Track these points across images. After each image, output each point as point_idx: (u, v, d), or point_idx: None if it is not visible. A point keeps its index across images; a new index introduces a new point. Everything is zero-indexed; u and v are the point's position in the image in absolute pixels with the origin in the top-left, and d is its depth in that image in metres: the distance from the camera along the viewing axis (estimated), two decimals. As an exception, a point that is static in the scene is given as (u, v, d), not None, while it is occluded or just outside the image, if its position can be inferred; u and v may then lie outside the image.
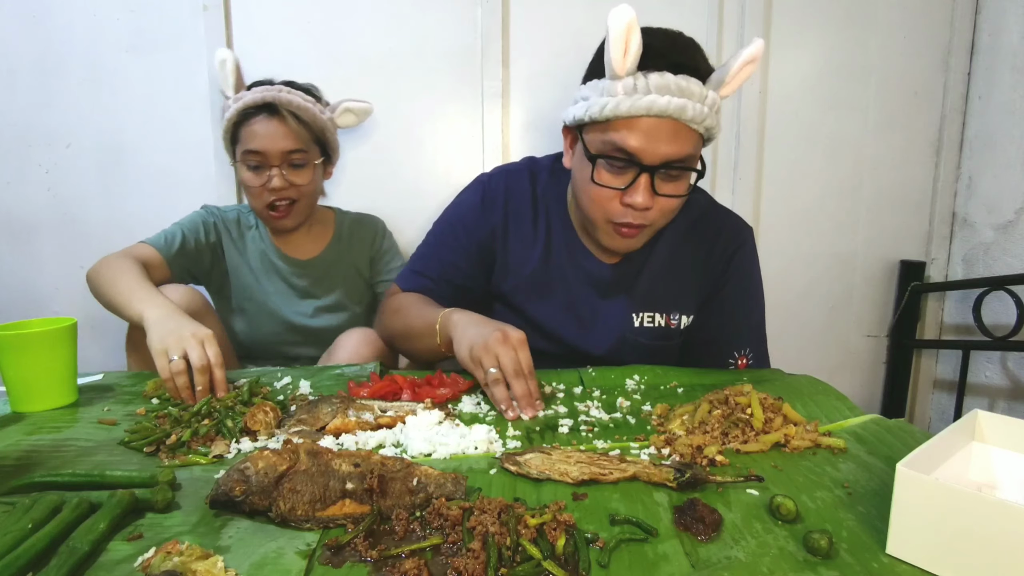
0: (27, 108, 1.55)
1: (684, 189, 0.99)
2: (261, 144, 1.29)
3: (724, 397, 0.84)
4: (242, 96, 1.30)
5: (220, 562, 0.52)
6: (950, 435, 0.62)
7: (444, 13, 1.62)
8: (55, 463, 0.73)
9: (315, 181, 1.37)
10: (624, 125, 0.93)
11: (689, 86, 0.91)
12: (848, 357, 1.93)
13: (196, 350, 0.93)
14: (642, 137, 0.92)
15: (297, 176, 1.33)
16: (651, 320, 1.13)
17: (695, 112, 0.91)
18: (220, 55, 1.31)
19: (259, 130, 1.29)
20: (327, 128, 1.38)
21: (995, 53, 1.72)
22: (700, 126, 0.94)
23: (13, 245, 1.61)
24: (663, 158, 0.93)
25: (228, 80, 1.32)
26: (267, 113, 1.29)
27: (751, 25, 1.68)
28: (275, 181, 1.30)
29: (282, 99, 1.29)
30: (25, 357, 0.89)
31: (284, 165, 1.31)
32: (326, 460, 0.65)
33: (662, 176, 0.96)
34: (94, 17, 1.54)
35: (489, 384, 0.89)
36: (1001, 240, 1.71)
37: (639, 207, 0.95)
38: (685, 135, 0.93)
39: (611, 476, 0.68)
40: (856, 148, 1.80)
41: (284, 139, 1.30)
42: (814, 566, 0.54)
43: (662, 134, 0.92)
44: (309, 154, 1.34)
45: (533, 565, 0.53)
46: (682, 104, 0.90)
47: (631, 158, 0.94)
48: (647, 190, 0.95)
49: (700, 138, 0.97)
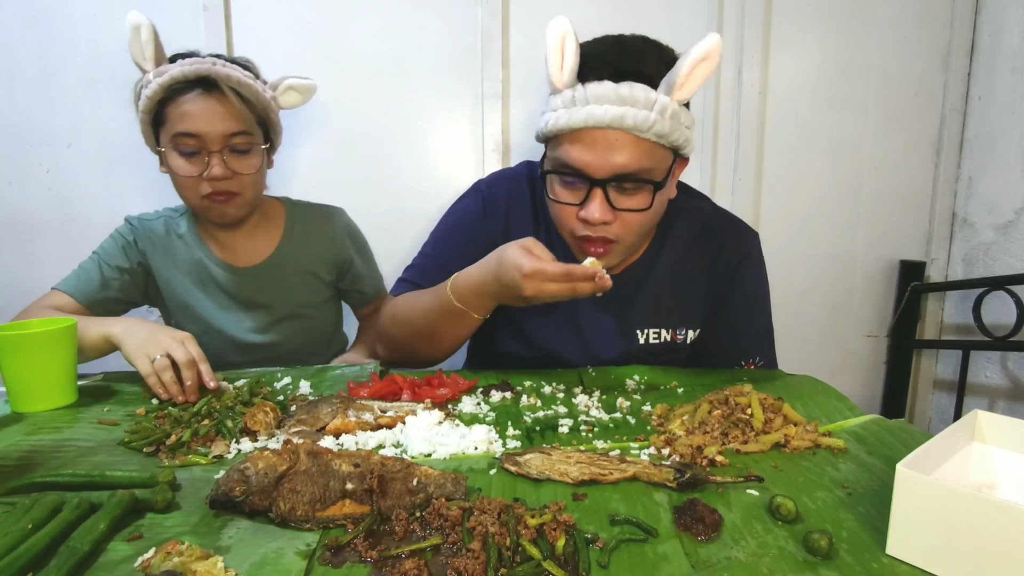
0: (27, 108, 1.55)
1: (646, 203, 0.93)
2: (197, 125, 1.09)
3: (724, 397, 0.84)
4: (167, 69, 1.09)
5: (220, 562, 0.52)
6: (950, 435, 0.62)
7: (444, 13, 1.62)
8: (55, 463, 0.73)
9: (261, 170, 1.19)
10: (567, 139, 0.91)
11: (632, 93, 0.87)
12: (848, 357, 1.93)
13: (179, 349, 0.93)
14: (585, 150, 0.89)
15: (240, 163, 1.14)
16: (657, 336, 1.09)
17: (638, 120, 0.87)
18: (132, 19, 1.09)
19: (193, 109, 1.09)
20: (270, 108, 1.19)
21: (995, 53, 1.72)
22: (648, 134, 0.88)
23: (14, 245, 1.61)
24: (613, 171, 0.89)
25: (145, 51, 1.10)
26: (201, 89, 1.10)
27: (751, 25, 1.68)
28: (215, 169, 1.11)
29: (220, 73, 1.09)
30: (25, 357, 0.89)
31: (225, 151, 1.12)
32: (326, 460, 0.65)
33: (616, 189, 0.91)
34: (94, 17, 1.54)
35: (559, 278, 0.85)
36: (1001, 240, 1.71)
37: (595, 222, 0.91)
38: (634, 145, 0.88)
39: (611, 476, 0.68)
40: (856, 148, 1.80)
41: (224, 120, 1.10)
42: (814, 566, 0.54)
43: (607, 145, 0.88)
44: (253, 137, 1.15)
45: (533, 565, 0.53)
46: (621, 113, 0.86)
47: (579, 172, 0.91)
48: (602, 204, 0.91)
49: (659, 148, 0.91)
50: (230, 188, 1.14)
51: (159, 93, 1.10)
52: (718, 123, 1.74)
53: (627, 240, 0.96)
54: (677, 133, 0.90)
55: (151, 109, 1.12)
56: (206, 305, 1.26)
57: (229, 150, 1.12)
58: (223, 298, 1.26)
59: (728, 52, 1.70)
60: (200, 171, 1.11)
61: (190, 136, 1.10)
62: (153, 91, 1.10)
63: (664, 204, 0.99)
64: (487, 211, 1.10)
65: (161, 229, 1.26)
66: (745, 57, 1.69)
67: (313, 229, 1.32)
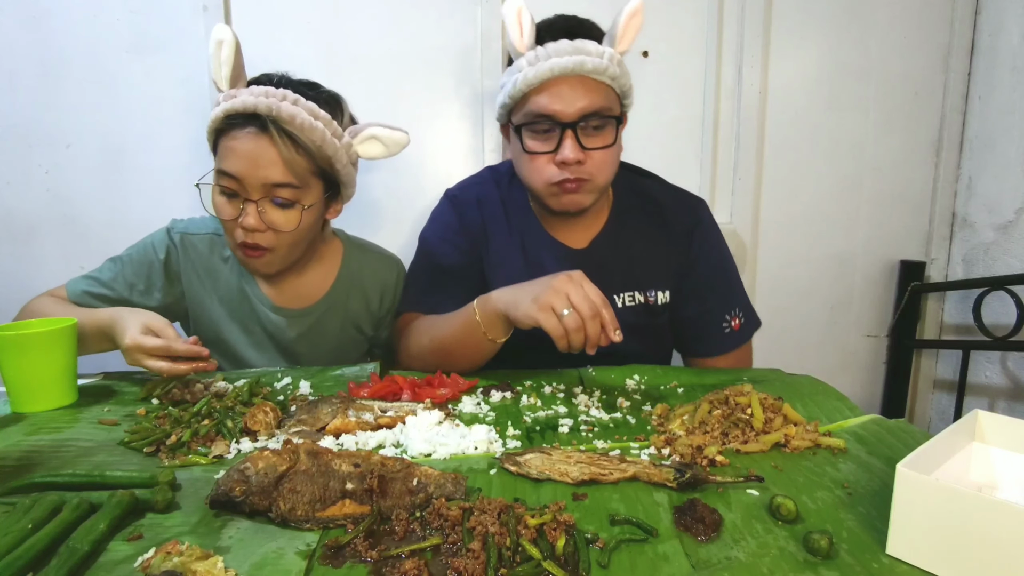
0: (27, 108, 1.55)
1: (611, 139, 1.06)
2: (238, 167, 0.99)
3: (724, 397, 0.84)
4: (236, 94, 0.99)
5: (220, 562, 0.52)
6: (950, 435, 0.62)
7: (444, 13, 1.62)
8: (55, 463, 0.73)
9: (303, 228, 1.05)
10: (536, 92, 1.03)
11: (584, 46, 1.02)
12: (848, 357, 1.93)
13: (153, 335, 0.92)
14: (554, 97, 1.02)
15: (279, 217, 1.02)
16: (632, 299, 1.18)
17: (595, 64, 1.01)
18: (217, 34, 0.99)
19: (240, 147, 0.99)
20: (337, 157, 1.05)
21: (995, 53, 1.72)
22: (604, 76, 1.03)
23: (13, 245, 1.61)
24: (580, 112, 1.02)
25: (223, 69, 1.00)
26: (256, 127, 0.99)
27: (751, 25, 1.68)
28: (248, 219, 1.00)
29: (281, 112, 0.98)
30: (25, 357, 0.89)
31: (265, 200, 1.01)
32: (326, 460, 0.65)
33: (584, 130, 1.03)
34: (94, 18, 1.53)
35: (568, 330, 0.87)
36: (1001, 240, 1.71)
37: (571, 161, 1.03)
38: (593, 87, 1.03)
39: (611, 476, 0.68)
40: (856, 148, 1.80)
41: (270, 166, 0.99)
42: (814, 566, 0.54)
43: (571, 91, 1.02)
44: (302, 191, 1.03)
45: (533, 565, 0.53)
46: (580, 60, 1.01)
47: (550, 118, 1.03)
48: (574, 144, 1.03)
49: (611, 91, 1.05)
50: (261, 242, 1.03)
51: (216, 123, 1.01)
52: (718, 123, 1.74)
53: (597, 179, 1.07)
54: (624, 79, 1.07)
55: (210, 137, 1.04)
56: (239, 340, 1.17)
57: (271, 200, 1.02)
58: (260, 335, 1.18)
59: (728, 52, 1.70)
60: (235, 215, 1.02)
61: (229, 177, 1.00)
62: (214, 118, 1.01)
63: (620, 150, 1.11)
64: (461, 212, 1.21)
65: (205, 248, 1.15)
66: (745, 57, 1.69)
67: (370, 277, 1.22)
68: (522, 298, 0.93)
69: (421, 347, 1.11)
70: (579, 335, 0.87)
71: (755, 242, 1.81)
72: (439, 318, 1.11)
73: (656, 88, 1.69)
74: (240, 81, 1.03)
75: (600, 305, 0.88)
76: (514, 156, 1.14)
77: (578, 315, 0.87)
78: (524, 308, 0.91)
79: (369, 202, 1.64)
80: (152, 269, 1.14)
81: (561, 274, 0.92)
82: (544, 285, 0.91)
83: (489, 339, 1.00)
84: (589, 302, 0.88)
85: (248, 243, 1.03)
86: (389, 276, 1.24)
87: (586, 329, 0.87)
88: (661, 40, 1.67)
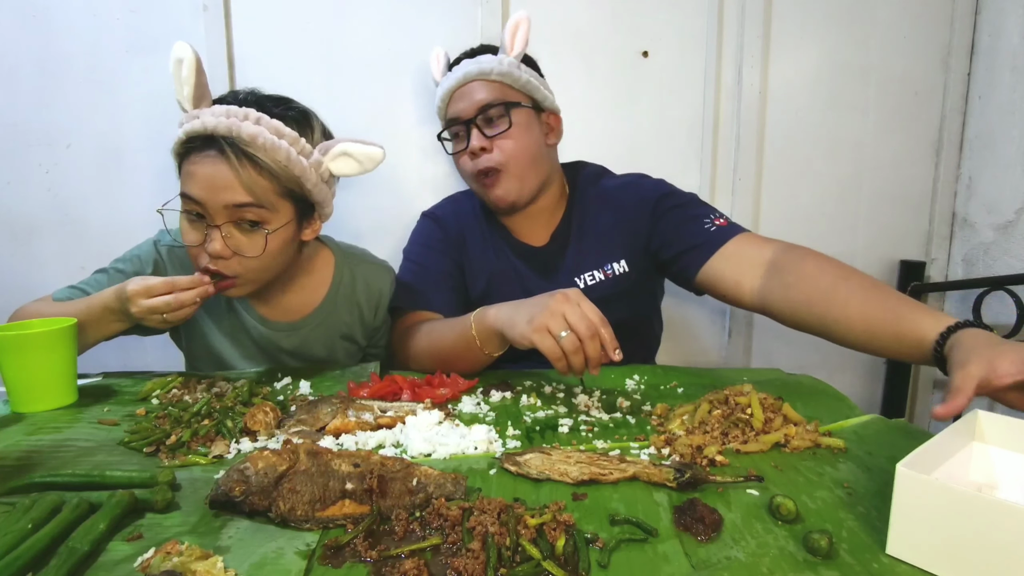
0: (27, 108, 1.55)
1: (507, 125, 1.19)
2: (199, 192, 0.95)
3: (724, 397, 0.84)
4: (195, 116, 0.96)
5: (220, 562, 0.52)
6: (950, 435, 0.62)
7: (444, 13, 1.62)
8: (55, 463, 0.73)
9: (270, 252, 1.00)
10: (449, 103, 1.24)
11: (481, 57, 1.22)
12: (848, 357, 1.93)
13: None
14: (457, 102, 1.22)
15: (244, 241, 0.98)
16: (592, 278, 1.25)
17: (482, 68, 1.20)
18: (176, 52, 0.95)
19: (199, 172, 0.95)
20: (306, 176, 1.00)
21: (995, 53, 1.72)
22: (494, 75, 1.20)
23: (13, 245, 1.61)
24: (476, 106, 1.19)
25: (184, 89, 0.96)
26: (216, 150, 0.95)
27: (751, 25, 1.68)
28: (214, 244, 0.96)
29: (241, 133, 0.93)
30: (25, 357, 0.89)
31: (228, 225, 0.97)
32: (326, 460, 0.65)
33: (483, 121, 1.19)
34: (94, 17, 1.53)
35: (566, 352, 0.85)
36: (1001, 240, 1.71)
37: (475, 150, 1.18)
38: (487, 86, 1.20)
39: (611, 476, 0.68)
40: (856, 148, 1.80)
41: (229, 189, 0.94)
42: (814, 566, 0.54)
43: (470, 92, 1.20)
44: (268, 212, 0.98)
45: (533, 565, 0.53)
46: (475, 67, 1.20)
47: (457, 119, 1.22)
48: (477, 134, 1.19)
49: (507, 87, 1.21)
50: (227, 269, 0.99)
51: (177, 146, 0.99)
52: (718, 123, 1.74)
53: (511, 167, 1.20)
54: (520, 74, 1.21)
55: (176, 159, 1.01)
56: (231, 354, 1.18)
57: (236, 224, 0.98)
58: (252, 349, 1.18)
59: (728, 52, 1.70)
60: (201, 240, 0.98)
61: (191, 200, 0.97)
62: (176, 140, 0.99)
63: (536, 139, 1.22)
64: (441, 224, 1.34)
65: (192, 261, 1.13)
66: (745, 57, 1.69)
67: (362, 287, 1.20)
68: (518, 318, 0.91)
69: (419, 351, 1.12)
70: (578, 357, 0.85)
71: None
72: (438, 324, 1.12)
73: (656, 88, 1.69)
74: (204, 100, 0.98)
75: (598, 324, 0.86)
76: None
77: (576, 336, 0.85)
78: (520, 329, 0.90)
79: (368, 202, 1.64)
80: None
81: (557, 293, 0.89)
82: (540, 305, 0.89)
83: (485, 353, 1.01)
84: (587, 321, 0.85)
85: (210, 269, 0.99)
86: (383, 285, 1.23)
87: (585, 350, 0.85)
88: (661, 40, 1.67)
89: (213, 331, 1.18)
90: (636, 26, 1.65)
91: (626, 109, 1.68)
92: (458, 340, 1.04)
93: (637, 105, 1.69)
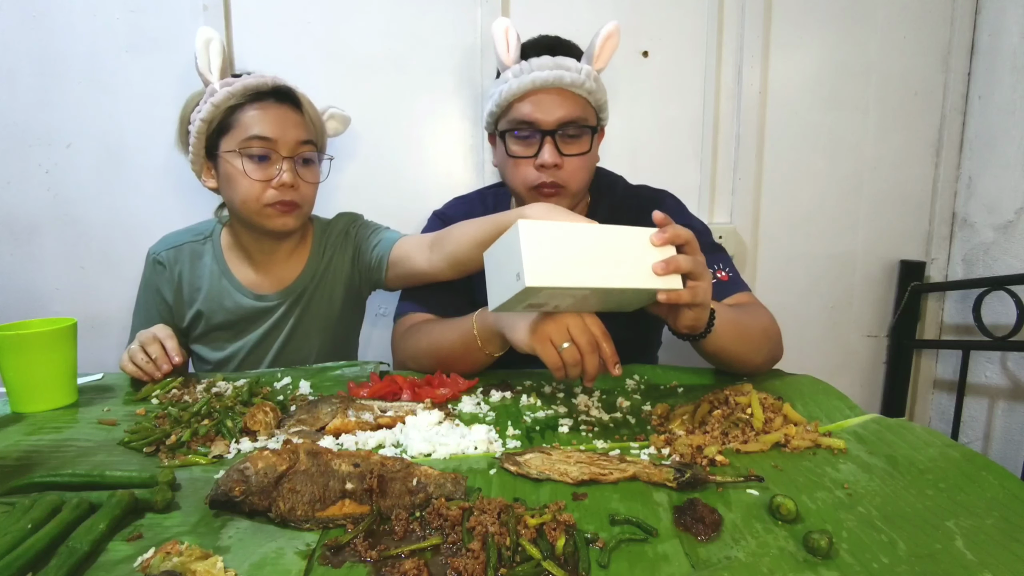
0: (27, 108, 1.55)
1: (586, 147, 1.14)
2: (272, 130, 1.11)
3: (724, 397, 0.84)
4: (238, 80, 1.13)
5: (220, 562, 0.52)
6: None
7: (444, 13, 1.62)
8: (55, 463, 0.73)
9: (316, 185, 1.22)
10: (519, 101, 1.12)
11: (564, 62, 1.11)
12: (848, 357, 1.93)
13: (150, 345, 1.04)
14: (534, 106, 1.11)
15: (306, 173, 1.17)
16: None
17: (573, 79, 1.10)
18: (204, 34, 1.13)
19: (267, 115, 1.12)
20: (324, 127, 1.26)
21: (995, 53, 1.72)
22: (581, 90, 1.12)
23: (13, 245, 1.61)
24: (557, 120, 1.11)
25: (212, 64, 1.13)
26: (275, 99, 1.14)
27: (751, 25, 1.68)
28: (285, 176, 1.12)
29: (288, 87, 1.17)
30: (25, 357, 0.89)
31: (295, 159, 1.15)
32: (326, 460, 0.65)
33: (562, 138, 1.12)
34: (94, 17, 1.53)
35: (566, 364, 0.85)
36: (1001, 240, 1.71)
37: (549, 165, 1.11)
38: (571, 99, 1.12)
39: (611, 476, 0.68)
40: (856, 148, 1.80)
41: (297, 127, 1.14)
42: (814, 566, 0.54)
43: (551, 101, 1.11)
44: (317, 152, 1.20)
45: (533, 565, 0.53)
46: (560, 74, 1.10)
47: (532, 125, 1.12)
48: (552, 149, 1.11)
49: (587, 104, 1.15)
50: (293, 198, 1.14)
51: (229, 100, 1.11)
52: (718, 123, 1.74)
53: (572, 186, 1.15)
54: (600, 93, 1.16)
55: (215, 118, 1.12)
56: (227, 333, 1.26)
57: (299, 159, 1.15)
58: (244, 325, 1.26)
59: (728, 52, 1.70)
60: (268, 177, 1.12)
61: (264, 139, 1.11)
62: (221, 99, 1.11)
63: (595, 159, 1.19)
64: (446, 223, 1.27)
65: (186, 256, 1.25)
66: (745, 57, 1.69)
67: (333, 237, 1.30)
68: (521, 323, 0.91)
69: (419, 351, 1.11)
70: (576, 369, 0.85)
71: (755, 242, 1.81)
72: (438, 324, 1.11)
73: (656, 88, 1.69)
74: (227, 75, 1.15)
75: (600, 338, 0.85)
76: (499, 161, 1.21)
77: (576, 348, 0.84)
78: (521, 334, 0.89)
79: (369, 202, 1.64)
80: (160, 296, 1.26)
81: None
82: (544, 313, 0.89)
83: (486, 353, 1.01)
84: (589, 335, 0.84)
85: (285, 200, 1.13)
86: (348, 224, 1.32)
87: (584, 364, 0.84)
88: (661, 40, 1.67)
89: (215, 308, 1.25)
90: (637, 26, 1.65)
91: (626, 109, 1.68)
92: (459, 339, 1.04)
93: (637, 105, 1.69)
